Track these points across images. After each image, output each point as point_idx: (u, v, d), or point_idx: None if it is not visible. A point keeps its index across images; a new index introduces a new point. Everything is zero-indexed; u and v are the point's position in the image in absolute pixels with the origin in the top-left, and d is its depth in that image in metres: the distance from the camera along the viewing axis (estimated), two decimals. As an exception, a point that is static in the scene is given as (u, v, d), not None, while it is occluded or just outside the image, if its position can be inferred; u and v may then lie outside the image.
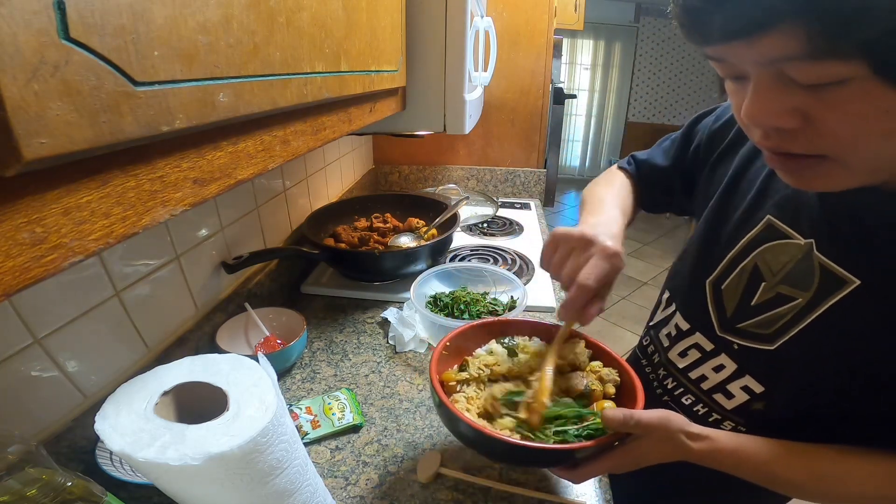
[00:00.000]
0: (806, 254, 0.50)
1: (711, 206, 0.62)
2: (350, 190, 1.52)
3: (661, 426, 0.49)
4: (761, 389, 0.54)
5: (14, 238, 0.18)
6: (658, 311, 0.70)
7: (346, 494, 0.62)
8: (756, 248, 0.55)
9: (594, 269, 0.52)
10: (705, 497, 0.70)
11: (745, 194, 0.58)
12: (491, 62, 1.01)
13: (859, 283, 0.46)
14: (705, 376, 0.60)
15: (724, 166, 0.63)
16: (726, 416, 0.58)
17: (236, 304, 0.88)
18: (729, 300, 0.57)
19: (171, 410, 0.43)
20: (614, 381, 0.57)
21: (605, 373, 0.58)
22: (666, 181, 0.73)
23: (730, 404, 0.57)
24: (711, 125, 0.67)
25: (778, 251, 0.52)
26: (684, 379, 0.63)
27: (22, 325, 0.50)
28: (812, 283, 0.49)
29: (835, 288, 0.47)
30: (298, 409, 0.73)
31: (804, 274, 0.50)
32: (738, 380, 0.56)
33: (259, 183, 0.97)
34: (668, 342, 0.66)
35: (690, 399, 0.62)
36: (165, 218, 0.27)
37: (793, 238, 0.51)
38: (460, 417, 0.49)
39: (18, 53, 0.16)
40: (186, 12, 0.25)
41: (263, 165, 0.37)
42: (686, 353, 0.62)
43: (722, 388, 0.58)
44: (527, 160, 1.77)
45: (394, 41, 0.69)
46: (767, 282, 0.53)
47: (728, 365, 0.57)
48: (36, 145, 0.17)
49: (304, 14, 0.38)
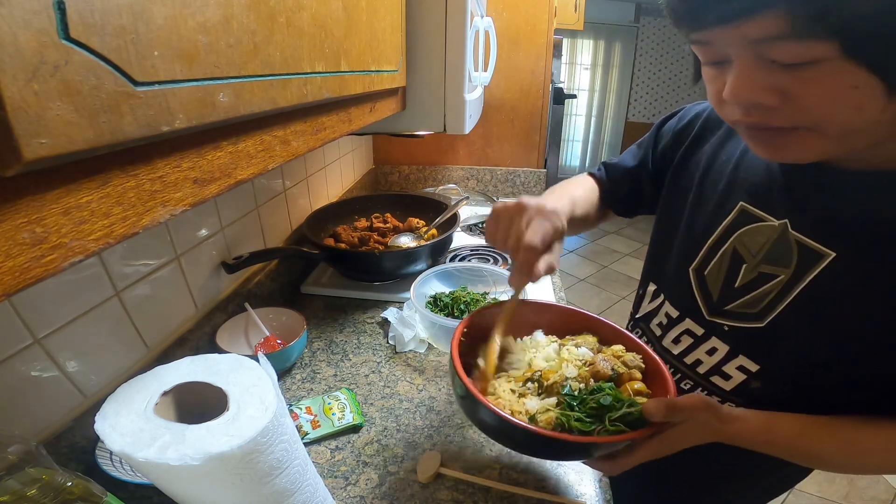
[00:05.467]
0: (781, 233, 0.53)
1: (689, 200, 0.64)
2: (350, 190, 1.52)
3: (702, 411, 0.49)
4: (756, 368, 0.56)
5: (14, 238, 0.18)
6: (644, 304, 0.72)
7: (346, 494, 0.62)
8: (733, 232, 0.57)
9: (535, 229, 0.52)
10: (705, 496, 0.71)
11: (715, 186, 0.61)
12: (491, 62, 1.01)
13: (835, 254, 0.49)
14: (700, 360, 0.61)
15: (692, 162, 0.66)
16: (726, 397, 0.59)
17: (236, 304, 0.88)
18: (713, 285, 0.59)
19: (171, 410, 0.43)
20: (639, 367, 0.56)
21: (629, 358, 0.57)
22: (635, 181, 0.75)
23: (728, 385, 0.59)
24: (675, 126, 0.70)
25: (754, 233, 0.55)
26: (680, 365, 0.64)
27: (22, 325, 0.50)
28: (792, 260, 0.52)
29: (814, 262, 0.50)
30: (298, 409, 0.73)
31: (783, 252, 0.52)
32: (732, 360, 0.58)
33: (259, 183, 0.97)
34: (661, 331, 0.67)
35: (689, 384, 0.63)
36: (165, 218, 0.27)
37: (767, 220, 0.54)
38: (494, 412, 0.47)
39: (18, 53, 0.16)
40: (186, 12, 0.25)
41: (263, 165, 0.37)
42: (679, 340, 0.64)
43: (718, 371, 0.59)
44: (527, 160, 1.77)
45: (394, 41, 0.69)
46: (748, 263, 0.56)
47: (720, 347, 0.59)
48: (36, 145, 0.17)
49: (304, 14, 0.38)
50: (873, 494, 1.79)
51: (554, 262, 0.53)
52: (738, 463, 0.55)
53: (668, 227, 0.68)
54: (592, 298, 3.19)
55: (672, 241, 0.66)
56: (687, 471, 0.67)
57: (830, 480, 1.83)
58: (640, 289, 0.74)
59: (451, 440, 0.70)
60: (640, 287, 0.75)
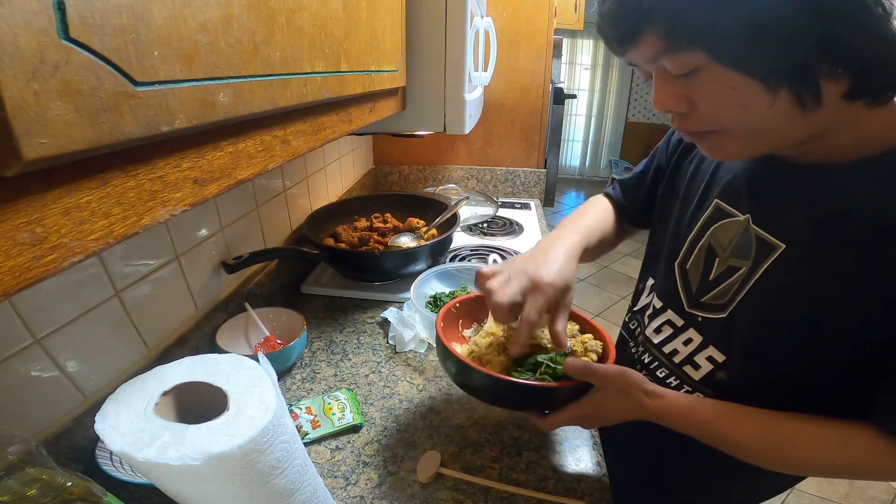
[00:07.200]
0: (745, 227, 0.55)
1: (679, 198, 0.67)
2: (350, 190, 1.52)
3: (617, 378, 0.55)
4: (723, 358, 0.57)
5: (14, 238, 0.18)
6: (643, 297, 0.74)
7: (346, 494, 0.62)
8: (708, 228, 0.60)
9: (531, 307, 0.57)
10: (706, 495, 0.71)
11: (699, 184, 0.64)
12: (491, 62, 1.01)
13: (784, 246, 0.51)
14: (677, 350, 0.63)
15: (686, 161, 0.69)
16: (696, 387, 0.61)
17: (236, 304, 0.88)
18: (693, 278, 0.62)
19: (171, 410, 0.43)
20: (596, 352, 0.63)
21: (591, 344, 0.63)
22: (649, 191, 0.76)
23: (697, 375, 0.60)
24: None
25: (726, 228, 0.58)
26: (659, 353, 0.66)
27: (22, 325, 0.50)
28: (751, 252, 0.54)
29: (768, 253, 0.52)
30: (298, 409, 0.73)
31: (745, 245, 0.55)
32: (703, 351, 0.60)
33: (259, 183, 0.97)
34: (648, 321, 0.69)
35: (665, 372, 0.65)
36: (165, 218, 0.26)
37: (735, 216, 0.57)
38: (452, 352, 0.58)
39: (18, 53, 0.16)
40: (186, 12, 0.25)
41: (263, 165, 0.37)
42: (660, 330, 0.66)
43: (690, 360, 0.61)
44: (527, 160, 1.77)
45: (394, 41, 0.69)
46: (720, 257, 0.58)
47: (695, 338, 0.61)
48: (36, 145, 0.17)
49: (304, 14, 0.38)
50: (873, 494, 1.79)
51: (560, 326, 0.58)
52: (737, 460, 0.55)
53: (662, 225, 0.70)
54: (592, 298, 3.19)
55: (664, 238, 0.68)
56: (687, 469, 0.67)
57: (831, 480, 1.82)
58: (640, 283, 0.76)
59: (451, 440, 0.70)
60: (640, 281, 0.76)
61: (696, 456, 0.58)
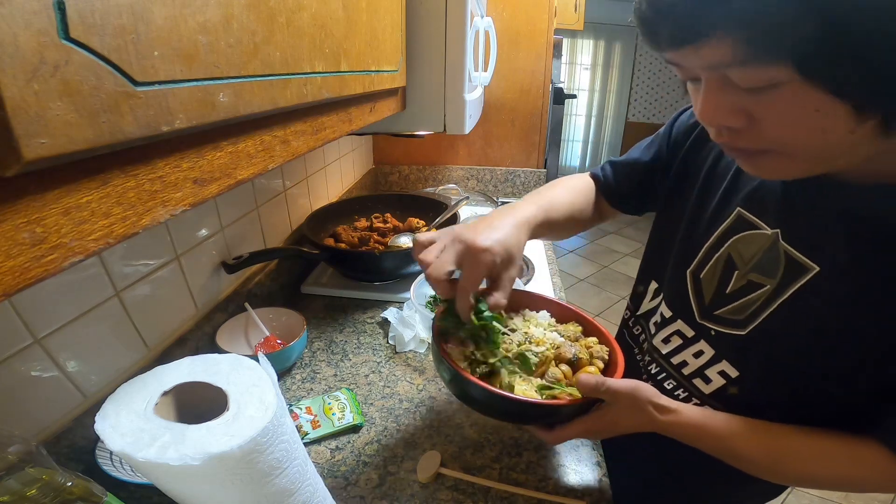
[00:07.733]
0: (773, 243, 0.52)
1: (692, 199, 0.63)
2: (350, 190, 1.52)
3: (629, 394, 0.52)
4: (736, 374, 0.56)
5: (14, 238, 0.18)
6: (645, 301, 0.72)
7: (346, 494, 0.62)
8: (729, 238, 0.57)
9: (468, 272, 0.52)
10: (706, 494, 0.71)
11: (717, 188, 0.60)
12: (491, 62, 1.01)
13: (818, 269, 0.48)
14: (686, 362, 0.62)
15: (698, 159, 0.65)
16: (705, 400, 0.60)
17: (236, 304, 0.88)
18: (707, 289, 0.59)
19: (171, 410, 0.43)
20: (602, 358, 0.60)
21: (597, 349, 0.61)
22: (645, 176, 0.73)
23: (707, 389, 0.59)
24: (687, 120, 0.69)
25: (748, 241, 0.55)
26: (667, 364, 0.64)
27: (22, 325, 0.50)
28: (778, 271, 0.51)
29: (798, 275, 0.49)
30: (298, 409, 0.73)
31: (772, 262, 0.52)
32: (715, 365, 0.58)
33: (259, 183, 0.97)
34: (655, 329, 0.67)
35: (672, 384, 0.64)
36: (165, 218, 0.26)
37: (761, 228, 0.54)
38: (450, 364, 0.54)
39: (18, 53, 0.16)
40: (186, 12, 0.25)
41: (263, 165, 0.37)
42: (669, 340, 0.64)
43: (700, 374, 0.60)
44: (527, 160, 1.77)
45: (394, 41, 0.69)
46: (740, 270, 0.55)
47: (707, 351, 0.59)
48: (36, 145, 0.17)
49: (304, 14, 0.38)
50: (873, 495, 1.79)
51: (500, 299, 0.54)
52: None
53: (669, 225, 0.67)
54: (592, 298, 3.19)
55: (673, 240, 0.66)
56: (688, 469, 0.67)
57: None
58: (641, 285, 0.74)
59: (451, 440, 0.70)
60: (640, 284, 0.74)
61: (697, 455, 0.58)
